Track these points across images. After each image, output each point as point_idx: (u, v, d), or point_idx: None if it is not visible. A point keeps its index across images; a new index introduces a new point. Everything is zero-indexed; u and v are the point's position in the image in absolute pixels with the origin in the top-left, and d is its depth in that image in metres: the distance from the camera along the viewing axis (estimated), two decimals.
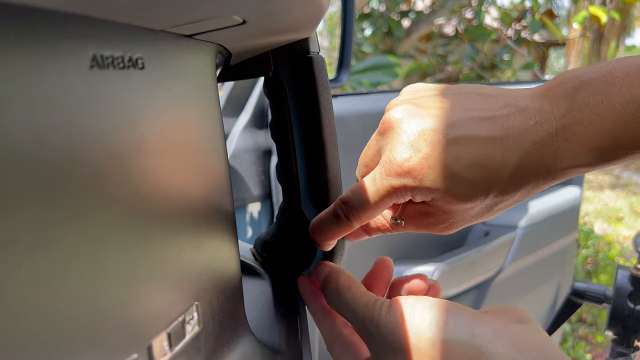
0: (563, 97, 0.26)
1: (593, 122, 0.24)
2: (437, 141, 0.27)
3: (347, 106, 0.85)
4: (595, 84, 0.25)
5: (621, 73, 0.24)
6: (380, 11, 3.05)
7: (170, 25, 0.21)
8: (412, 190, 0.28)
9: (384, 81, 2.10)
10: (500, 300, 1.16)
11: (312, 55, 0.33)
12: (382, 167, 0.29)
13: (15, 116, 0.14)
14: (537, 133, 0.26)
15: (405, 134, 0.28)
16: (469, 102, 0.28)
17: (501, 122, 0.27)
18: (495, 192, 0.27)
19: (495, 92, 0.29)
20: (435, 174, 0.27)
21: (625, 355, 0.74)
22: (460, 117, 0.27)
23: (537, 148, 0.26)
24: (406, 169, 0.27)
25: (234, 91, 0.81)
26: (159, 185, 0.21)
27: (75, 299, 0.16)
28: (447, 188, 0.27)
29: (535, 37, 3.82)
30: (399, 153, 0.28)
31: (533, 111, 0.26)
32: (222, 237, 0.27)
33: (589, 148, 0.25)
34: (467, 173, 0.27)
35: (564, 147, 0.25)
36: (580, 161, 0.25)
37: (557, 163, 0.26)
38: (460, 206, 0.28)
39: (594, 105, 0.24)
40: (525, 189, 0.27)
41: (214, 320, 0.26)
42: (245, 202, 0.80)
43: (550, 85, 0.27)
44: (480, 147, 0.26)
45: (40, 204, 0.15)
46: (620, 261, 2.88)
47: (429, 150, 0.27)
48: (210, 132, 0.26)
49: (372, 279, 0.36)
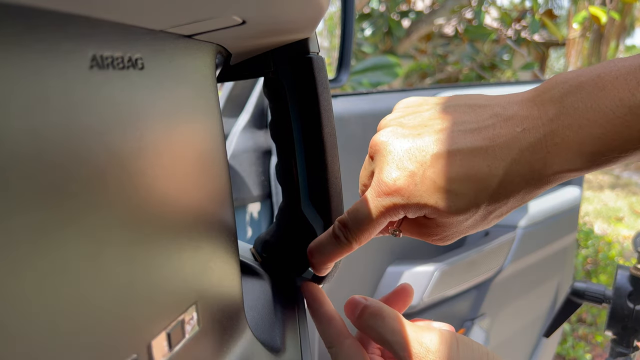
0: (551, 102, 0.25)
1: (582, 126, 0.24)
2: (422, 158, 0.28)
3: (347, 106, 0.85)
4: (584, 88, 0.24)
5: (610, 76, 0.24)
6: (380, 11, 3.05)
7: (170, 25, 0.21)
8: (403, 208, 0.29)
9: (384, 81, 2.10)
10: (500, 300, 1.16)
11: (312, 56, 0.33)
12: (373, 189, 0.30)
13: (15, 116, 0.14)
14: (525, 140, 0.26)
15: (391, 155, 0.29)
16: (456, 116, 0.29)
17: (486, 133, 0.27)
18: (486, 203, 0.27)
19: (485, 102, 0.29)
20: (422, 190, 0.28)
21: (624, 355, 0.75)
22: (445, 133, 0.28)
23: (525, 155, 0.26)
24: (394, 188, 0.28)
25: (234, 91, 0.81)
26: (159, 185, 0.21)
27: (75, 299, 0.16)
28: (436, 203, 0.27)
29: (535, 37, 3.82)
30: (386, 174, 0.29)
31: (520, 118, 0.26)
32: (222, 237, 0.27)
33: (579, 152, 0.25)
34: (453, 186, 0.27)
35: (553, 152, 0.25)
36: (571, 166, 0.25)
37: (547, 168, 0.26)
38: (453, 219, 0.28)
39: (583, 109, 0.24)
40: (517, 197, 0.27)
41: (214, 320, 0.26)
42: (245, 202, 0.80)
43: (539, 91, 0.27)
44: (465, 159, 0.27)
45: (40, 204, 0.15)
46: (620, 261, 2.88)
47: (414, 168, 0.28)
48: (210, 132, 0.26)
49: (392, 302, 0.37)
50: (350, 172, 0.82)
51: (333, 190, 0.35)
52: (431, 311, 1.02)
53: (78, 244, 0.16)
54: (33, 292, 0.14)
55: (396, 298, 0.37)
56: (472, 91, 1.04)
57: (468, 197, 0.27)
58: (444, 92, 0.97)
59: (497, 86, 1.14)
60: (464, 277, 1.02)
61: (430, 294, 0.96)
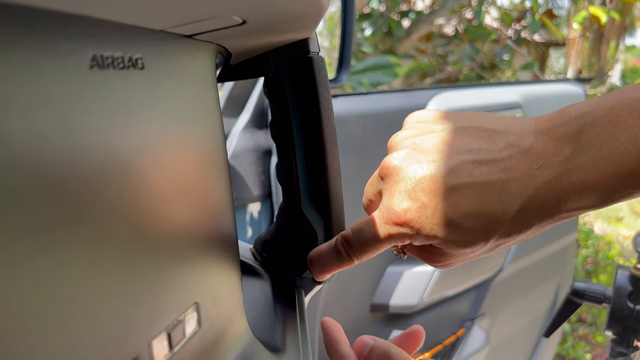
0: (568, 139, 0.25)
1: (598, 165, 0.24)
2: (435, 189, 0.27)
3: (347, 106, 0.85)
4: (599, 124, 0.24)
5: (623, 111, 0.24)
6: (380, 11, 3.05)
7: (171, 25, 0.21)
8: (410, 238, 0.29)
9: (384, 81, 2.10)
10: (500, 300, 1.16)
11: (312, 56, 0.33)
12: (382, 214, 0.29)
13: (15, 116, 0.14)
14: (541, 178, 0.25)
15: (404, 182, 0.28)
16: (471, 142, 0.28)
17: (502, 165, 0.26)
18: (496, 237, 0.27)
19: (501, 127, 0.28)
20: (432, 223, 0.27)
21: (624, 355, 0.75)
22: (459, 161, 0.27)
23: (540, 192, 0.25)
24: (404, 219, 0.28)
25: (234, 91, 0.81)
26: (159, 185, 0.21)
27: (76, 299, 0.16)
28: (445, 236, 0.27)
29: (535, 37, 3.82)
30: (397, 202, 0.28)
31: (537, 154, 0.26)
32: (222, 237, 0.27)
33: (594, 190, 0.24)
34: (465, 221, 0.27)
35: (569, 190, 0.25)
36: (586, 203, 0.25)
37: (561, 206, 0.25)
38: (460, 251, 0.28)
39: (598, 147, 0.24)
40: (528, 232, 0.27)
41: (214, 320, 0.26)
42: (245, 202, 0.80)
43: (553, 124, 0.26)
44: (479, 193, 0.26)
45: (40, 204, 0.15)
46: (620, 261, 2.88)
47: (427, 200, 0.27)
48: (210, 132, 0.26)
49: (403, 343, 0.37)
50: (350, 172, 0.82)
51: (333, 190, 0.35)
52: (431, 311, 1.02)
53: (78, 244, 0.16)
54: (33, 291, 0.14)
55: (407, 340, 0.37)
56: (472, 91, 1.04)
57: (478, 232, 0.27)
58: (444, 92, 0.97)
59: (497, 86, 1.14)
60: (464, 277, 1.02)
61: (430, 294, 0.96)
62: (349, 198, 0.51)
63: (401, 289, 0.95)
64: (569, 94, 1.24)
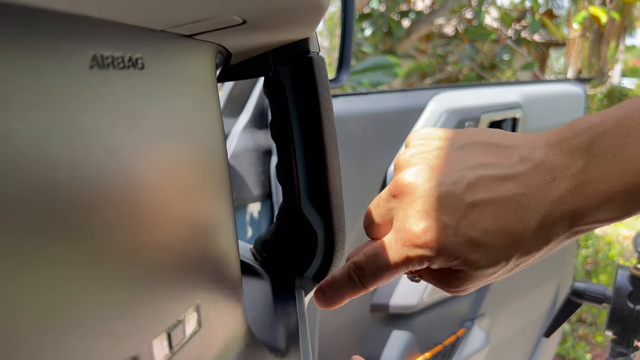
0: (579, 151, 0.25)
1: (612, 177, 0.24)
2: (455, 208, 0.26)
3: (347, 106, 0.85)
4: (610, 136, 0.24)
5: (634, 122, 0.24)
6: (380, 11, 3.05)
7: (171, 25, 0.21)
8: (429, 260, 0.27)
9: (384, 81, 2.10)
10: (500, 300, 1.16)
11: (312, 55, 0.33)
12: (397, 236, 0.28)
13: (15, 116, 0.14)
14: (556, 191, 0.25)
15: (421, 200, 0.27)
16: (483, 156, 0.27)
17: (518, 180, 0.26)
18: (517, 255, 0.26)
19: (508, 142, 0.27)
20: (454, 243, 0.26)
21: (625, 355, 0.75)
22: (476, 177, 0.26)
23: (556, 207, 0.25)
24: (423, 240, 0.26)
25: (234, 91, 0.81)
26: (159, 185, 0.21)
27: (77, 299, 0.16)
28: (467, 256, 0.26)
29: (535, 37, 3.82)
30: (414, 222, 0.27)
31: (550, 166, 0.25)
32: (222, 237, 0.27)
33: (610, 202, 0.24)
34: (489, 240, 0.26)
35: (584, 204, 0.25)
36: (603, 216, 0.25)
37: (578, 220, 0.25)
38: (481, 272, 0.27)
39: (610, 158, 0.24)
40: (546, 247, 0.26)
41: (214, 320, 0.26)
42: (245, 202, 0.80)
43: (563, 137, 0.26)
44: (499, 210, 0.25)
45: (40, 204, 0.15)
46: (620, 261, 2.88)
47: (447, 220, 0.26)
48: (211, 132, 0.26)
49: None
50: (350, 172, 0.82)
51: (333, 190, 0.35)
52: (431, 311, 1.02)
53: (78, 244, 0.16)
54: (34, 291, 0.14)
55: None
56: (472, 91, 1.04)
57: (500, 250, 0.26)
58: (444, 92, 0.97)
59: (497, 86, 1.14)
60: None
61: (431, 294, 0.96)
62: (349, 198, 0.51)
63: (401, 289, 0.95)
64: (569, 94, 1.25)
